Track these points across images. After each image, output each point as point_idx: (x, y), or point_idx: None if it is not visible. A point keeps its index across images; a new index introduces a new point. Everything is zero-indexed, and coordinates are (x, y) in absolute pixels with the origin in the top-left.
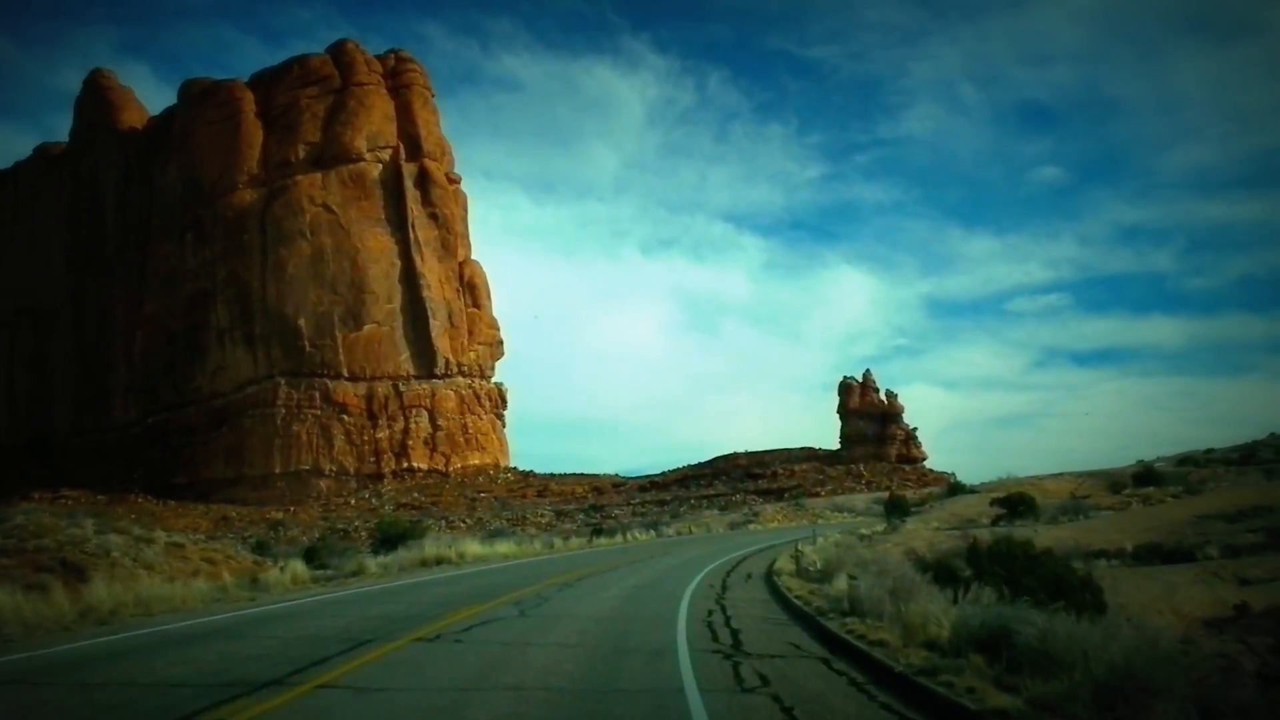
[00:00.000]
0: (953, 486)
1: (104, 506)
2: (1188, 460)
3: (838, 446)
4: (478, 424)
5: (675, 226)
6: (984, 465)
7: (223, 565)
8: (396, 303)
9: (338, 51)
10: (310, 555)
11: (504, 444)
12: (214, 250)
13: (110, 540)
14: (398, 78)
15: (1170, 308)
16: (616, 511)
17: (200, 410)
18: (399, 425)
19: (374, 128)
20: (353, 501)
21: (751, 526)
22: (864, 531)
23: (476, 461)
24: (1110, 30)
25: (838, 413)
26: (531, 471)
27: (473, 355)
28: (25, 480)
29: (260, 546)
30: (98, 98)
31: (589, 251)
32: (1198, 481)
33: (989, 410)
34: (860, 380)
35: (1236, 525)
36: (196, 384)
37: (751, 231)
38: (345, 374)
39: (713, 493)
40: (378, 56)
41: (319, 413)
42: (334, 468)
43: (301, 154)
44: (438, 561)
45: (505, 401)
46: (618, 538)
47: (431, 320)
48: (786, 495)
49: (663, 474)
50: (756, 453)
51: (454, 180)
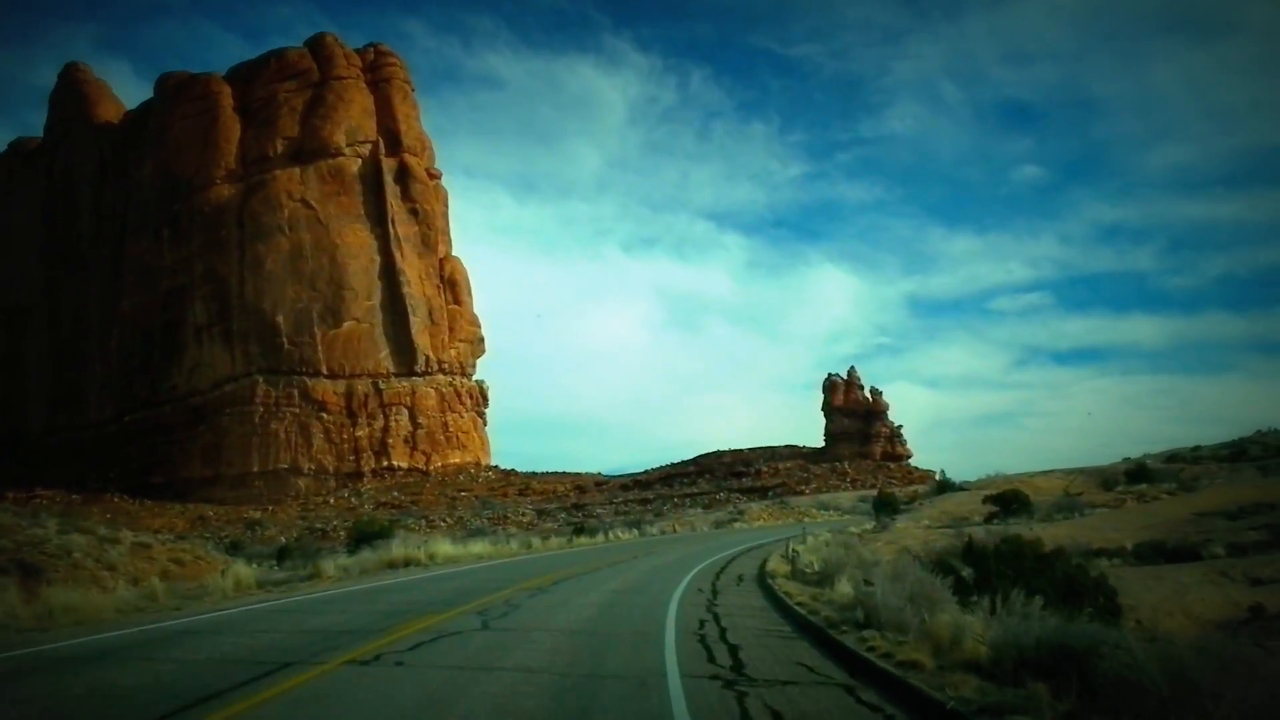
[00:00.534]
0: (942, 484)
1: (79, 506)
2: (1176, 458)
3: (822, 444)
4: (458, 422)
5: (657, 225)
6: (966, 464)
7: (191, 566)
8: (376, 299)
9: (316, 45)
10: (283, 555)
11: (485, 442)
12: (191, 246)
13: (72, 540)
14: (377, 72)
15: (1150, 307)
16: (599, 510)
17: (177, 408)
18: (379, 423)
19: (353, 122)
20: (332, 501)
21: (737, 525)
22: (853, 530)
23: (457, 460)
24: (1091, 29)
25: (822, 410)
26: (513, 470)
27: (453, 352)
28: None
29: (234, 547)
30: (73, 91)
31: (571, 250)
32: (1191, 478)
33: (971, 409)
34: (845, 377)
35: (1238, 523)
36: (173, 382)
37: (734, 230)
38: (324, 371)
39: (696, 491)
40: (357, 50)
41: (298, 411)
42: (313, 466)
43: (280, 148)
44: (406, 563)
45: (486, 399)
46: (599, 537)
47: (412, 317)
48: (771, 493)
49: (646, 472)
50: (740, 451)
51: (434, 175)
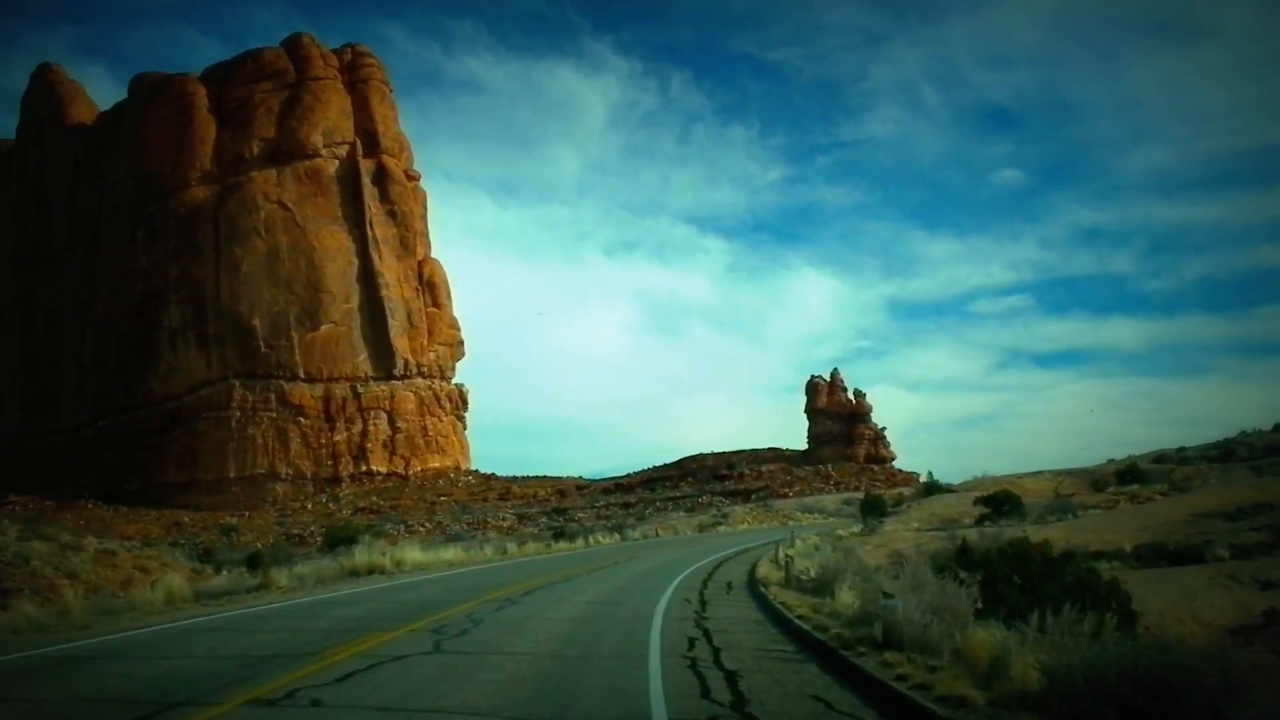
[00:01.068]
0: (929, 486)
1: (52, 513)
2: (1163, 459)
3: (805, 447)
4: (438, 426)
5: (638, 229)
6: (947, 467)
7: (157, 573)
8: (354, 302)
9: (293, 45)
10: (253, 562)
11: (465, 446)
12: (166, 249)
13: (31, 548)
14: (354, 72)
15: (1130, 309)
16: (580, 515)
17: (152, 413)
18: (357, 428)
19: (330, 123)
20: (309, 506)
21: (721, 529)
22: (841, 533)
23: (437, 464)
24: (1069, 33)
25: (805, 412)
26: (493, 474)
27: (432, 356)
28: None
29: (205, 553)
30: (46, 92)
31: (552, 254)
32: (1182, 479)
33: (952, 411)
34: (828, 379)
35: (1238, 524)
36: (148, 386)
37: (714, 234)
38: (301, 375)
39: (679, 494)
40: (334, 51)
41: (274, 415)
42: (290, 471)
43: (256, 150)
44: (370, 571)
45: (466, 403)
46: (579, 541)
47: (390, 320)
48: (754, 496)
49: (628, 476)
50: (723, 453)
51: (413, 177)
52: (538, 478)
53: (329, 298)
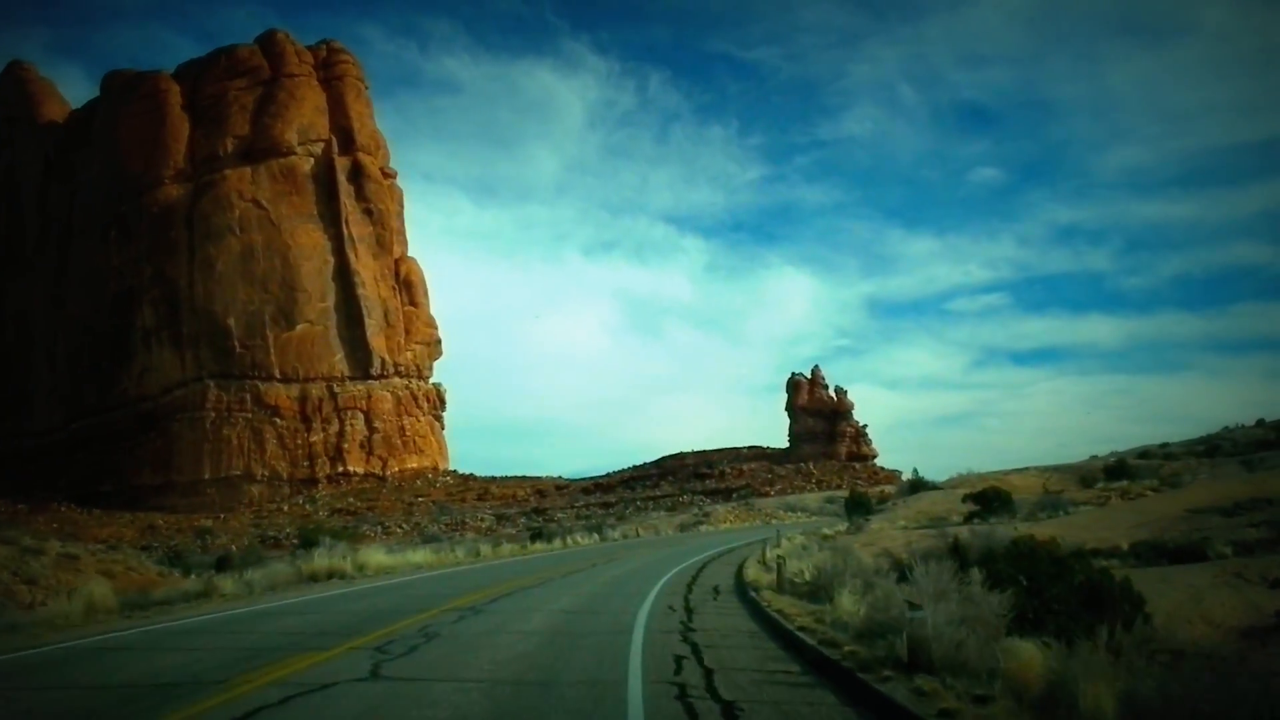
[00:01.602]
0: (914, 483)
1: (24, 516)
2: (1147, 455)
3: (786, 445)
4: (415, 426)
5: (617, 229)
6: (927, 465)
7: (122, 578)
8: (330, 301)
9: (267, 42)
10: (222, 565)
11: (443, 447)
12: (139, 248)
13: None
14: (330, 69)
15: (1107, 307)
16: (559, 515)
17: (127, 415)
18: (334, 428)
19: (305, 120)
20: (286, 508)
21: (703, 528)
22: (827, 531)
23: (414, 465)
24: (1046, 32)
25: (786, 410)
26: (472, 475)
27: (410, 355)
28: None
29: (174, 556)
30: (16, 90)
31: (531, 254)
32: (1172, 475)
33: (930, 410)
34: (808, 377)
35: (1236, 519)
36: (122, 387)
37: (693, 233)
38: (277, 375)
39: (659, 494)
40: (309, 47)
41: (250, 416)
42: (266, 473)
43: (230, 147)
44: (330, 575)
45: (444, 403)
46: (556, 542)
47: (366, 319)
48: (736, 495)
49: (607, 476)
50: (704, 452)
51: (389, 175)
52: (517, 478)
53: (305, 297)
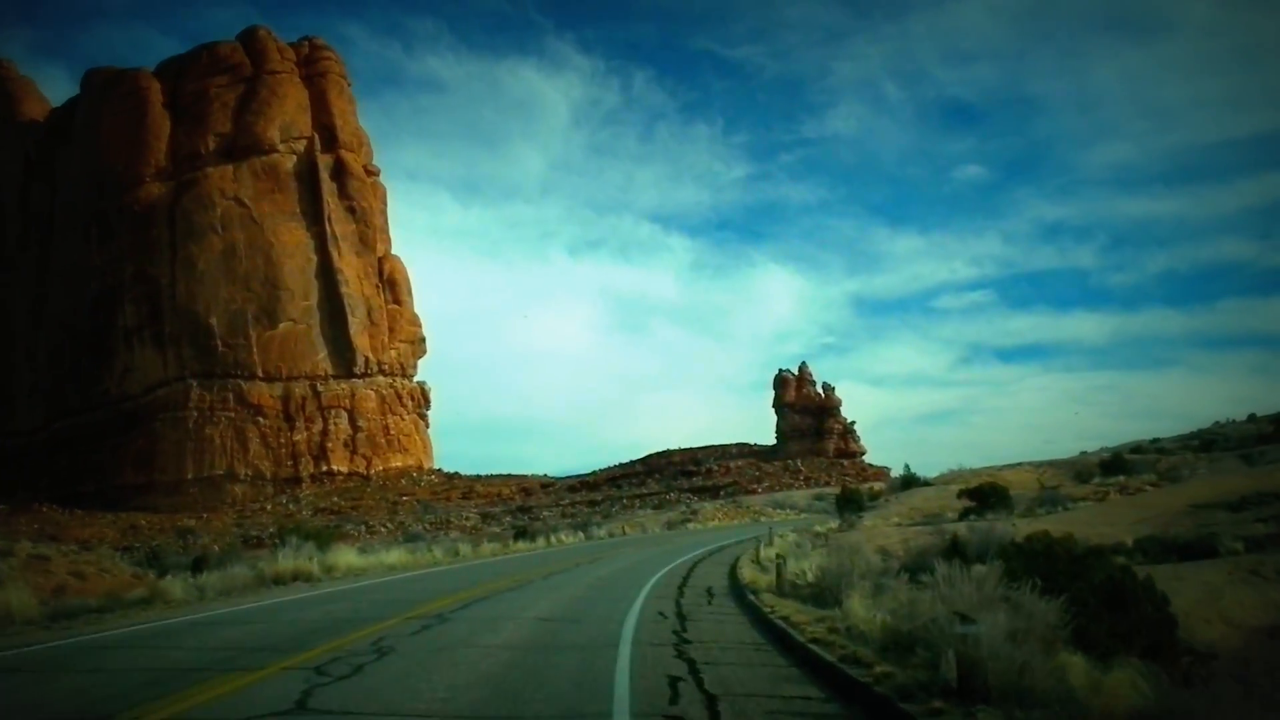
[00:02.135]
0: (906, 479)
1: (5, 517)
2: (1139, 450)
3: (774, 442)
4: (400, 425)
5: (602, 227)
6: (914, 461)
7: (93, 580)
8: (313, 299)
9: (249, 39)
10: (198, 565)
11: (428, 445)
12: (120, 246)
13: None
14: (312, 66)
15: (1092, 303)
16: (545, 513)
17: (108, 414)
18: (317, 427)
19: (287, 118)
20: (269, 507)
21: (691, 526)
22: (819, 529)
23: (399, 464)
24: (1030, 29)
25: (773, 407)
26: (457, 473)
27: (394, 353)
28: None
29: (152, 557)
30: None
31: (516, 253)
32: (1169, 469)
33: (917, 407)
34: (795, 374)
35: (1242, 515)
36: (104, 387)
37: (679, 232)
38: (260, 374)
39: (646, 491)
40: (291, 44)
41: (233, 415)
42: (249, 472)
43: (211, 145)
44: (294, 577)
45: (428, 401)
46: (540, 541)
47: (350, 317)
48: (723, 493)
49: (594, 474)
50: (690, 450)
51: (372, 172)
52: (502, 476)
53: (287, 295)
